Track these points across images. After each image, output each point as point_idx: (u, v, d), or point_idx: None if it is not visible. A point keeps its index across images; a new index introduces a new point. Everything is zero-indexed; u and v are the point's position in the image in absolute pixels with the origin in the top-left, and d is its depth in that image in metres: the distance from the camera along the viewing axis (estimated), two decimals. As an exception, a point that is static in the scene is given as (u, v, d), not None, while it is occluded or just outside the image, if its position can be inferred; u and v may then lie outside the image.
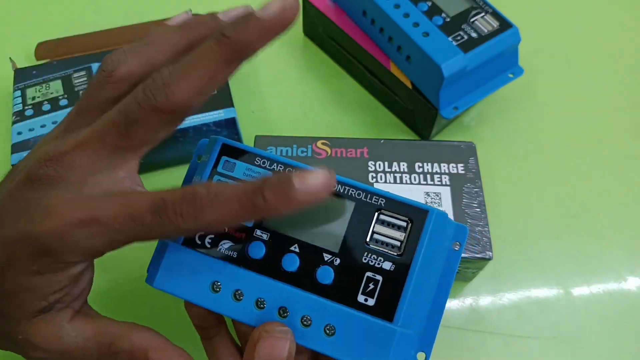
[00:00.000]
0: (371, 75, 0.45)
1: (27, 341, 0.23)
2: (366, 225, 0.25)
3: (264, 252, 0.25)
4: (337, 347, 0.24)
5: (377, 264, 0.25)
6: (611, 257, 0.40)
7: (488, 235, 0.35)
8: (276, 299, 0.24)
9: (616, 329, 0.37)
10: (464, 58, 0.38)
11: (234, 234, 0.25)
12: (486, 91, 0.41)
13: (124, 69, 0.23)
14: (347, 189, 0.26)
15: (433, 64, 0.37)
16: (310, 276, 0.25)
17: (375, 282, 0.24)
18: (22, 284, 0.22)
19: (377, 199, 0.26)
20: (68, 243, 0.21)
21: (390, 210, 0.25)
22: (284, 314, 0.24)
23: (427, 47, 0.38)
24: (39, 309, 0.22)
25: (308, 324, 0.24)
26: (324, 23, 0.46)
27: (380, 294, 0.24)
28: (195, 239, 0.25)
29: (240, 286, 0.25)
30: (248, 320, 0.24)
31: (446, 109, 0.40)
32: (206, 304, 0.25)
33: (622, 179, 0.43)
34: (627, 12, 0.53)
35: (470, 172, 0.37)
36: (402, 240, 0.25)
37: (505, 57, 0.41)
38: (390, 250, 0.25)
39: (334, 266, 0.25)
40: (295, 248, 0.25)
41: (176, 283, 0.25)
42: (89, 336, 0.24)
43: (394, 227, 0.25)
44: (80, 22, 0.52)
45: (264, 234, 0.25)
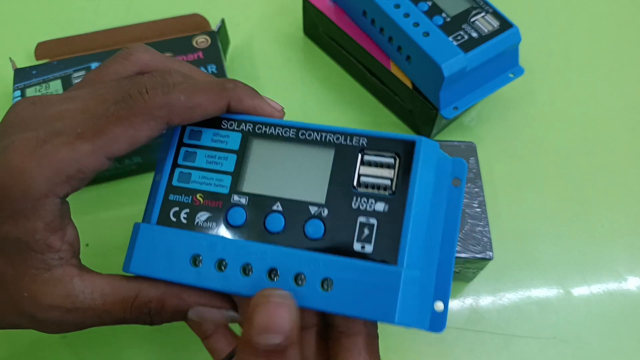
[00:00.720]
0: (371, 75, 0.45)
1: (37, 301, 0.22)
2: (350, 169, 0.23)
3: (244, 217, 0.23)
4: (338, 301, 0.21)
5: (369, 207, 0.22)
6: (611, 257, 0.40)
7: (488, 235, 0.35)
8: (264, 262, 0.22)
9: (616, 329, 0.37)
10: (464, 58, 0.38)
11: (210, 204, 0.24)
12: (486, 91, 0.41)
13: (142, 55, 0.25)
14: (324, 134, 0.24)
15: (433, 63, 0.37)
16: (298, 233, 0.23)
17: (369, 226, 0.22)
18: (4, 232, 0.21)
19: (357, 139, 0.23)
20: (24, 178, 0.21)
21: (374, 148, 0.23)
22: (274, 277, 0.22)
23: (427, 47, 0.38)
24: (37, 262, 0.22)
25: (302, 282, 0.22)
26: (324, 23, 0.46)
27: (377, 238, 0.22)
28: (169, 216, 0.24)
29: (223, 255, 0.23)
30: (236, 290, 0.22)
31: (446, 109, 0.40)
32: (186, 280, 0.23)
33: (622, 179, 0.43)
34: (627, 12, 0.53)
35: (470, 172, 0.37)
36: (392, 177, 0.23)
37: (505, 57, 0.41)
38: (381, 191, 0.23)
39: (323, 218, 0.23)
40: (277, 207, 0.23)
41: (153, 265, 0.23)
42: (107, 292, 0.23)
43: (381, 166, 0.23)
44: (80, 22, 0.52)
45: (242, 198, 0.24)
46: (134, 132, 0.22)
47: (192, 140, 0.25)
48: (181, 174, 0.25)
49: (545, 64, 0.49)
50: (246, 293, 0.22)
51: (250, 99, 0.24)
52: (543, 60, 0.50)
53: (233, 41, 0.49)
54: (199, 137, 0.25)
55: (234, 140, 0.25)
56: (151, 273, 0.23)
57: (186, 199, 0.24)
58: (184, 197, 0.24)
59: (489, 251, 0.34)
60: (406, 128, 0.45)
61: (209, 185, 0.24)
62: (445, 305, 0.22)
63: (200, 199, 0.24)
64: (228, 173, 0.24)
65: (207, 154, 0.25)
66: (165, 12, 0.47)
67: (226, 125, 0.25)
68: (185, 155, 0.25)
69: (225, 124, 0.25)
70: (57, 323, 0.22)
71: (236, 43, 0.50)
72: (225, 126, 0.25)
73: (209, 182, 0.24)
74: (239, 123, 0.25)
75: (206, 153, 0.25)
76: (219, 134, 0.25)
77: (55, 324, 0.22)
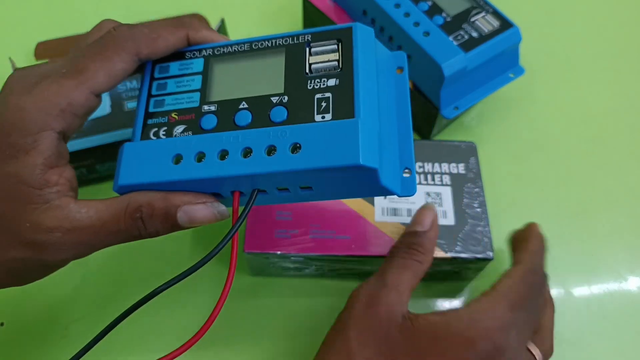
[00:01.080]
0: None
1: (36, 225, 0.23)
2: (302, 61, 0.26)
3: (216, 120, 0.26)
4: (308, 159, 0.23)
5: (323, 85, 0.25)
6: (611, 257, 0.40)
7: (489, 235, 0.35)
8: (237, 145, 0.24)
9: (616, 329, 0.37)
10: (464, 58, 0.38)
11: (184, 118, 0.26)
12: (487, 91, 0.41)
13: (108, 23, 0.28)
14: (273, 41, 0.27)
15: (434, 63, 0.37)
16: (265, 121, 0.25)
17: (326, 100, 0.24)
18: (4, 171, 0.23)
19: (303, 37, 0.27)
20: (23, 115, 0.23)
21: (319, 40, 0.26)
22: (247, 155, 0.24)
23: (427, 47, 0.38)
24: (34, 197, 0.23)
25: (274, 152, 0.24)
26: (324, 23, 0.46)
27: (335, 106, 0.24)
28: (150, 135, 0.26)
29: (200, 148, 0.25)
30: (216, 173, 0.24)
31: (447, 108, 0.40)
32: (170, 177, 0.24)
33: (622, 179, 0.43)
34: (627, 12, 0.53)
35: (471, 172, 0.37)
36: (337, 59, 0.26)
37: (505, 57, 0.41)
38: (331, 70, 0.25)
39: (284, 103, 0.25)
40: (243, 105, 0.26)
41: (139, 173, 0.25)
42: (101, 208, 0.24)
43: (327, 53, 0.26)
44: (80, 22, 0.52)
45: (211, 106, 0.26)
46: (110, 65, 0.25)
47: (162, 74, 0.28)
48: (156, 102, 0.27)
49: (545, 64, 0.49)
50: (224, 174, 0.24)
51: (204, 29, 0.28)
52: (543, 60, 0.50)
53: (233, 41, 0.49)
54: (167, 70, 0.28)
55: (198, 64, 0.28)
56: (137, 179, 0.25)
57: (163, 120, 0.27)
58: (161, 119, 0.27)
59: (490, 251, 0.34)
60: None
61: (181, 104, 0.27)
62: (412, 172, 0.26)
63: (175, 116, 0.26)
64: (196, 90, 0.27)
65: (176, 81, 0.28)
66: (165, 12, 0.47)
67: (189, 55, 0.28)
68: (158, 86, 0.28)
69: (189, 55, 0.28)
70: (58, 245, 0.24)
71: (236, 43, 0.50)
72: (189, 56, 0.28)
73: (180, 102, 0.27)
74: (200, 51, 0.28)
75: (175, 80, 0.28)
76: (185, 64, 0.28)
77: (56, 246, 0.24)
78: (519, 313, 0.28)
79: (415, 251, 0.31)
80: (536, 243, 0.32)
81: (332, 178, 0.24)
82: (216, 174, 0.24)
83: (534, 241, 0.32)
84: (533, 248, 0.32)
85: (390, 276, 0.29)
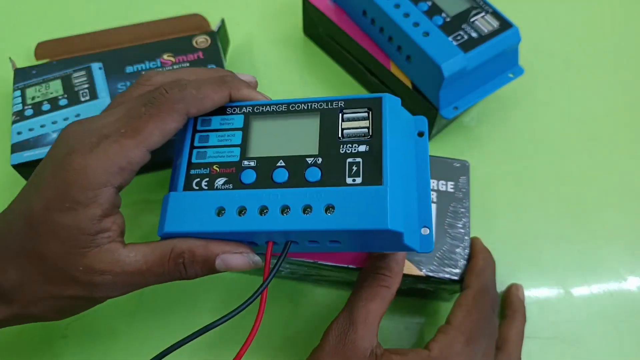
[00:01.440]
0: (371, 75, 0.45)
1: (89, 268, 0.26)
2: (335, 125, 0.28)
3: (255, 176, 0.28)
4: (341, 220, 0.25)
5: (354, 150, 0.27)
6: (611, 257, 0.40)
7: (467, 258, 0.34)
8: (276, 202, 0.27)
9: (616, 329, 0.37)
10: (464, 58, 0.38)
11: (225, 171, 0.28)
12: (486, 91, 0.41)
13: (158, 77, 0.30)
14: (309, 104, 0.29)
15: (433, 63, 0.37)
16: (300, 180, 0.27)
17: (356, 164, 0.27)
18: (63, 222, 0.25)
19: (337, 103, 0.29)
20: (87, 173, 0.26)
21: (351, 107, 0.29)
22: (285, 211, 0.26)
23: (427, 47, 0.38)
24: (88, 243, 0.26)
25: (310, 211, 0.26)
26: (324, 23, 0.46)
27: (364, 171, 0.27)
28: (192, 185, 0.28)
29: (242, 203, 0.27)
30: (256, 227, 0.26)
31: (446, 109, 0.40)
32: (214, 228, 0.27)
33: (622, 178, 0.43)
34: (627, 12, 0.53)
35: (459, 191, 0.36)
36: (368, 126, 0.28)
37: (505, 57, 0.41)
38: (362, 137, 0.28)
39: (318, 164, 0.27)
40: (281, 163, 0.28)
41: (185, 222, 0.27)
42: (147, 252, 0.27)
43: (358, 120, 0.28)
44: (80, 22, 0.52)
45: (251, 162, 0.28)
46: (164, 125, 0.27)
47: (204, 127, 0.30)
48: (198, 153, 0.29)
49: (545, 64, 0.49)
50: (264, 229, 0.26)
51: (244, 88, 0.30)
52: (543, 60, 0.50)
53: (233, 41, 0.49)
54: (209, 124, 0.30)
55: (238, 120, 0.30)
56: (184, 229, 0.27)
57: (205, 171, 0.29)
58: (203, 170, 0.29)
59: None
60: None
61: (222, 157, 0.29)
62: (430, 230, 0.28)
63: (216, 169, 0.28)
64: (236, 145, 0.29)
65: (217, 135, 0.30)
66: (165, 12, 0.47)
67: (230, 111, 0.30)
68: (200, 138, 0.30)
69: (230, 110, 0.30)
70: (109, 286, 0.27)
71: (236, 43, 0.50)
72: (230, 112, 0.30)
73: (221, 155, 0.29)
74: (240, 107, 0.30)
75: (217, 134, 0.30)
76: (226, 119, 0.30)
77: (107, 287, 0.27)
78: (476, 343, 0.30)
79: (382, 276, 0.31)
80: (481, 261, 0.33)
81: (360, 236, 0.26)
82: (256, 228, 0.26)
83: (479, 260, 0.33)
84: (478, 267, 0.32)
85: (357, 310, 0.30)
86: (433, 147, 0.45)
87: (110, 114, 0.28)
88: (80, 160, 0.26)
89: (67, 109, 0.40)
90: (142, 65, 0.42)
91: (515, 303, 0.36)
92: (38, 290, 0.27)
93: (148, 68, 0.42)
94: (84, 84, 0.41)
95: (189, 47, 0.43)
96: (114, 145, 0.26)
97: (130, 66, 0.42)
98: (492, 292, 0.32)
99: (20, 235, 0.26)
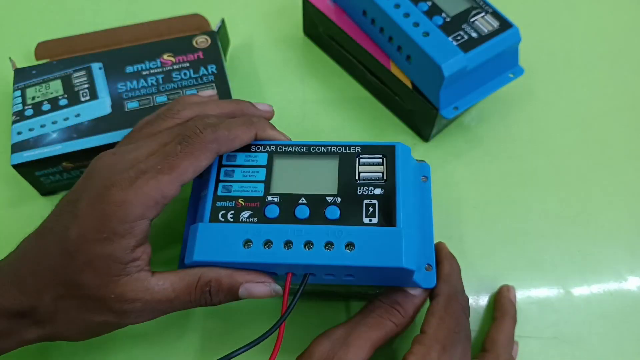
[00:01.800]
0: (371, 75, 0.45)
1: (121, 297, 0.27)
2: (353, 168, 0.31)
3: (278, 211, 0.30)
4: (360, 257, 0.28)
5: (370, 192, 0.30)
6: (611, 257, 0.40)
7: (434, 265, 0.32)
8: (300, 237, 0.29)
9: (616, 329, 0.37)
10: (464, 58, 0.38)
11: (250, 205, 0.30)
12: (486, 91, 0.41)
13: (186, 113, 0.32)
14: (329, 147, 0.32)
15: (433, 63, 0.37)
16: (321, 216, 0.29)
17: (373, 205, 0.30)
18: (98, 252, 0.27)
19: (354, 148, 0.32)
20: (126, 206, 0.27)
21: (367, 153, 0.32)
22: (309, 247, 0.28)
23: (427, 47, 0.38)
24: (120, 271, 0.27)
25: (331, 247, 0.28)
26: (324, 23, 0.46)
27: (380, 212, 0.29)
28: (218, 217, 0.30)
29: (267, 237, 0.29)
30: (282, 260, 0.28)
31: (446, 109, 0.40)
32: (241, 259, 0.28)
33: (622, 178, 0.43)
34: (627, 12, 0.53)
35: None
36: (383, 171, 0.31)
37: (505, 57, 0.41)
38: (377, 180, 0.30)
39: (337, 204, 0.30)
40: (302, 200, 0.30)
41: (213, 251, 0.29)
42: (175, 280, 0.28)
43: (373, 165, 0.31)
44: (80, 22, 0.52)
45: (275, 198, 0.30)
46: (197, 163, 0.29)
47: (230, 162, 0.32)
48: (224, 187, 0.31)
49: (545, 64, 0.49)
50: (289, 262, 0.28)
51: (269, 129, 0.33)
52: (543, 60, 0.50)
53: (233, 41, 0.50)
54: (235, 160, 0.32)
55: (262, 158, 0.32)
56: (213, 258, 0.29)
57: (230, 204, 0.30)
58: (228, 203, 0.30)
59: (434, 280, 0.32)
60: (406, 128, 0.45)
61: (247, 191, 0.31)
62: (433, 267, 0.31)
63: (241, 202, 0.30)
64: (261, 182, 0.31)
65: (242, 170, 0.32)
66: (165, 12, 0.47)
67: (255, 149, 0.32)
68: (225, 173, 0.32)
69: (254, 148, 0.32)
70: (139, 312, 0.28)
71: (236, 43, 0.50)
72: (254, 149, 0.32)
73: (246, 189, 0.31)
74: (264, 146, 0.32)
75: (242, 170, 0.32)
76: (250, 156, 0.32)
77: (136, 314, 0.28)
78: (453, 350, 0.29)
79: (396, 312, 0.31)
80: (447, 266, 0.32)
81: (375, 272, 0.28)
82: (282, 261, 0.28)
83: (445, 266, 0.32)
84: (446, 272, 0.32)
85: (357, 334, 0.30)
86: (433, 147, 0.45)
87: (143, 146, 0.30)
88: (120, 195, 0.27)
89: (67, 109, 0.40)
90: (142, 65, 0.42)
91: (505, 305, 0.36)
92: (72, 315, 0.28)
93: (148, 68, 0.42)
94: (84, 84, 0.41)
95: (189, 47, 0.43)
96: (151, 181, 0.27)
97: (130, 66, 0.42)
98: (461, 296, 0.32)
99: (56, 261, 0.28)
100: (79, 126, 0.39)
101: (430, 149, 0.44)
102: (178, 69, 0.42)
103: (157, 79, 0.42)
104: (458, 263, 0.33)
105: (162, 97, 0.41)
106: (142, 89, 0.41)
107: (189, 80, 0.41)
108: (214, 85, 0.41)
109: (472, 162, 0.44)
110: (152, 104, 0.40)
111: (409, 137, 0.45)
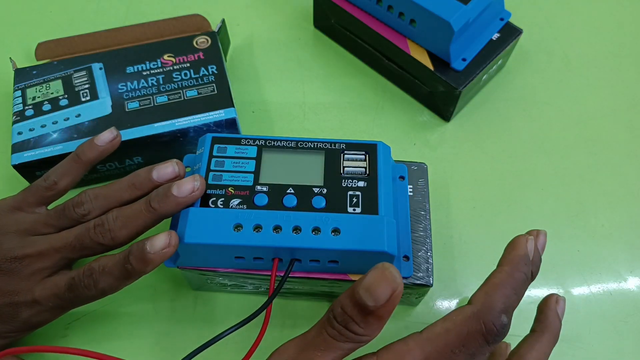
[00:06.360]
0: (388, 61, 0.46)
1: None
2: (338, 162, 0.33)
3: (267, 199, 0.31)
4: (345, 242, 0.30)
5: (354, 185, 0.32)
6: (611, 257, 0.40)
7: (431, 261, 0.33)
8: (289, 222, 0.30)
9: (616, 329, 0.37)
10: (467, 10, 0.40)
11: (239, 193, 0.31)
12: (485, 38, 0.44)
13: (92, 214, 0.32)
14: (315, 143, 0.34)
15: (442, 21, 0.40)
16: (308, 205, 0.31)
17: (356, 197, 0.32)
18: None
19: (339, 145, 0.34)
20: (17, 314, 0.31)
21: (351, 150, 0.34)
22: (297, 231, 0.30)
23: (434, 8, 0.40)
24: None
25: (318, 232, 0.30)
26: (337, 13, 0.47)
27: (363, 202, 0.31)
28: (209, 203, 0.31)
29: (257, 222, 0.30)
30: (271, 243, 0.29)
31: (456, 61, 0.42)
32: (231, 241, 0.29)
33: (622, 178, 0.43)
34: (627, 12, 0.53)
35: (418, 194, 0.36)
36: (365, 166, 0.33)
37: (494, 4, 0.43)
38: (360, 174, 0.32)
39: (323, 194, 0.32)
40: (290, 190, 0.32)
41: (203, 234, 0.30)
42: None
43: (357, 160, 0.33)
44: (80, 22, 0.52)
45: (264, 187, 0.32)
46: None
47: (220, 153, 0.33)
48: (214, 176, 0.32)
49: (545, 64, 0.50)
50: (278, 245, 0.30)
51: (145, 265, 0.29)
52: (543, 60, 0.50)
53: (233, 41, 0.50)
54: (225, 151, 0.33)
55: (252, 151, 0.33)
56: (203, 240, 0.30)
57: (220, 192, 0.32)
58: (219, 191, 0.32)
59: (430, 277, 0.33)
60: (427, 110, 0.46)
61: (237, 181, 0.32)
62: (410, 258, 0.33)
63: (231, 190, 0.32)
64: (250, 172, 0.32)
65: (232, 161, 0.33)
66: (166, 13, 0.47)
67: (244, 142, 0.34)
68: (216, 163, 0.33)
69: (244, 142, 0.34)
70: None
71: (236, 43, 0.50)
72: (244, 143, 0.34)
73: (236, 179, 0.32)
74: (254, 140, 0.34)
75: (232, 161, 0.33)
76: (240, 148, 0.34)
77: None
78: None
79: (353, 334, 0.24)
80: (501, 274, 0.26)
81: (358, 257, 0.30)
82: (270, 244, 0.30)
83: (498, 273, 0.26)
84: (494, 281, 0.26)
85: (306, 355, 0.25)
86: (433, 147, 0.45)
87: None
88: None
89: (68, 109, 0.40)
90: (143, 66, 0.42)
91: (548, 318, 0.29)
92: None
93: (148, 68, 0.42)
94: (85, 84, 0.41)
95: (190, 47, 0.43)
96: None
97: (130, 66, 0.42)
98: (497, 320, 0.25)
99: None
100: (80, 126, 0.39)
101: (430, 149, 0.45)
102: (178, 69, 0.42)
103: (158, 79, 0.42)
104: (527, 276, 0.27)
105: (163, 97, 0.41)
106: (143, 89, 0.41)
107: (190, 80, 0.42)
108: (214, 85, 0.41)
109: (472, 162, 0.44)
110: (152, 104, 0.40)
111: (430, 118, 0.46)
